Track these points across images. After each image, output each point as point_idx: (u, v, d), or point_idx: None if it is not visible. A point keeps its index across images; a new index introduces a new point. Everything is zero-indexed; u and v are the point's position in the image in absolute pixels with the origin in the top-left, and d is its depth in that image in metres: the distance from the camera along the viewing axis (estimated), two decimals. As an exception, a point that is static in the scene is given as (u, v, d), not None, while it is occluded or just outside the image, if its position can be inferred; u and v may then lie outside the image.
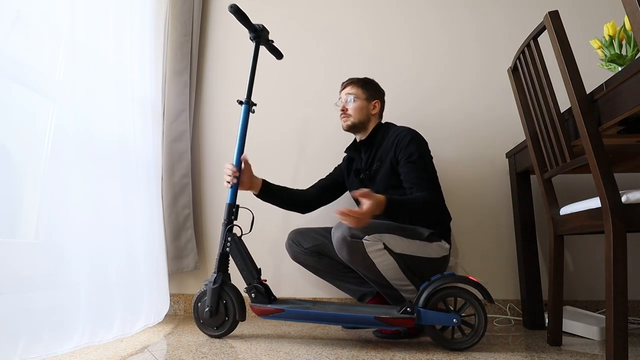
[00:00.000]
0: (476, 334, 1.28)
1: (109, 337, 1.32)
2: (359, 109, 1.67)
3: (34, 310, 1.07)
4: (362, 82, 1.70)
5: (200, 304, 1.43)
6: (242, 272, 1.44)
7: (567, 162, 1.22)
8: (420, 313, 1.29)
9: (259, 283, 1.42)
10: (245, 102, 1.54)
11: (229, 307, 1.41)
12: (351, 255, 1.38)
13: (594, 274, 1.91)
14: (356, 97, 1.67)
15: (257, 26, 1.57)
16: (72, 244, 1.21)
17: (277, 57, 1.75)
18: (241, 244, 1.46)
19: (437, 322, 1.29)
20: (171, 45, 2.04)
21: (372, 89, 1.71)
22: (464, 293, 1.31)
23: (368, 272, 1.41)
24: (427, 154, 1.57)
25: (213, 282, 1.41)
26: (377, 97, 1.71)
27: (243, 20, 1.52)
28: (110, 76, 1.50)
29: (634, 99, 0.99)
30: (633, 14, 0.92)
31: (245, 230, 1.52)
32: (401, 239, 1.43)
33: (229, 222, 1.46)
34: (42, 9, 1.21)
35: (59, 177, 1.19)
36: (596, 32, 1.96)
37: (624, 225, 1.05)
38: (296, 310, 1.36)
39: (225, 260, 1.45)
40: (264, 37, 1.59)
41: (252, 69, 1.58)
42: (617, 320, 1.02)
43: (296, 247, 1.73)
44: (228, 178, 1.50)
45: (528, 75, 1.36)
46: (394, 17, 2.18)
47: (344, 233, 1.37)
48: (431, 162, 1.58)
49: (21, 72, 1.15)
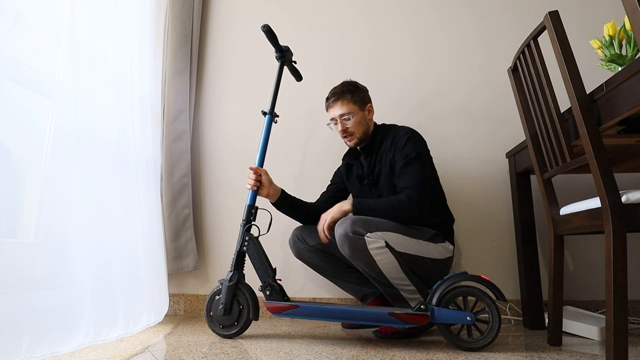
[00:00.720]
0: (491, 332, 1.27)
1: (112, 336, 1.32)
2: (359, 123, 1.60)
3: (38, 310, 1.07)
4: (350, 94, 1.60)
5: (215, 300, 1.44)
6: (257, 270, 1.45)
7: (567, 162, 1.22)
8: (434, 311, 1.29)
9: (274, 282, 1.44)
10: (269, 113, 1.61)
11: (243, 306, 1.42)
12: (352, 251, 1.38)
13: (594, 274, 1.91)
14: (352, 114, 1.59)
15: (283, 47, 1.64)
16: (72, 244, 1.21)
17: (297, 79, 1.80)
18: (258, 243, 1.48)
19: (451, 320, 1.29)
20: (171, 45, 2.04)
21: (360, 94, 1.62)
22: (477, 291, 1.31)
23: (369, 269, 1.41)
24: (425, 154, 1.55)
25: (229, 279, 1.42)
26: (366, 100, 1.65)
27: (272, 39, 1.59)
28: (110, 76, 1.50)
29: (634, 99, 0.99)
30: (633, 14, 0.92)
31: (263, 231, 1.53)
32: (404, 238, 1.42)
33: (247, 222, 1.49)
34: (42, 9, 1.21)
35: (59, 176, 1.19)
36: (596, 32, 1.96)
37: (624, 225, 1.04)
38: (311, 307, 1.38)
39: (241, 259, 1.47)
40: (288, 58, 1.67)
41: (276, 85, 1.64)
42: (617, 320, 1.02)
43: (300, 244, 1.72)
44: (251, 182, 1.53)
45: (528, 75, 1.36)
46: (394, 17, 2.18)
47: (346, 229, 1.37)
48: (429, 162, 1.57)
49: (21, 72, 1.15)
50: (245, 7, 2.24)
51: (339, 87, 1.63)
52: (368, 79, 2.12)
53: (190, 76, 2.08)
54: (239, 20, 2.23)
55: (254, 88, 2.15)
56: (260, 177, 1.56)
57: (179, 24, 2.06)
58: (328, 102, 1.63)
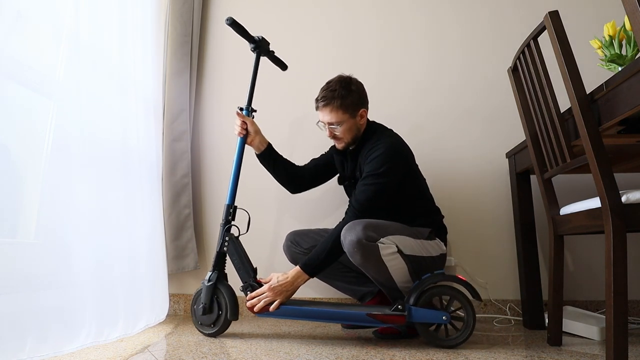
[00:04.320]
0: (466, 330, 1.31)
1: (114, 336, 1.33)
2: (349, 130, 1.51)
3: (40, 309, 1.08)
4: (340, 99, 1.47)
5: (196, 301, 1.45)
6: (238, 271, 1.46)
7: (567, 162, 1.22)
8: (412, 311, 1.32)
9: (255, 282, 1.44)
10: (245, 109, 1.61)
11: (221, 306, 1.42)
12: (365, 259, 1.34)
13: (594, 274, 1.91)
14: (341, 123, 1.49)
15: (256, 37, 1.59)
16: (73, 244, 1.21)
17: (281, 68, 1.76)
18: (238, 243, 1.48)
19: (427, 320, 1.32)
20: (171, 45, 2.04)
21: (351, 98, 1.48)
22: (453, 291, 1.34)
23: (378, 276, 1.39)
24: (393, 172, 1.44)
25: (208, 279, 1.43)
26: (360, 105, 1.52)
27: (241, 32, 1.55)
28: (113, 75, 1.50)
29: (634, 99, 0.99)
30: (633, 14, 0.93)
31: (243, 231, 1.53)
32: (410, 240, 1.42)
33: (226, 222, 1.49)
34: (42, 8, 1.21)
35: (59, 176, 1.19)
36: (596, 32, 1.95)
37: (624, 225, 1.05)
38: (291, 308, 1.38)
39: (221, 260, 1.47)
40: (264, 48, 1.62)
41: (253, 79, 1.61)
42: (617, 320, 1.02)
43: (294, 248, 1.71)
44: (237, 128, 1.56)
45: (528, 75, 1.36)
46: (394, 17, 2.18)
47: (359, 235, 1.32)
48: (394, 181, 1.45)
49: (21, 72, 1.15)
50: (246, 7, 2.23)
51: (330, 89, 1.49)
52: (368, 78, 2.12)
53: (190, 76, 2.07)
54: (239, 20, 2.21)
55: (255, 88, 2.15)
56: (246, 124, 1.56)
57: (179, 24, 2.06)
58: (317, 103, 1.52)
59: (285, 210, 2.05)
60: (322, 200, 1.83)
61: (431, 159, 2.01)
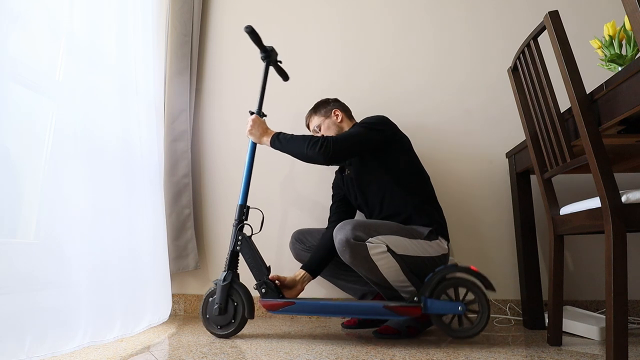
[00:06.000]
0: (481, 321, 1.32)
1: (111, 337, 1.32)
2: (328, 128, 1.73)
3: (39, 309, 1.08)
4: (313, 110, 1.79)
5: (209, 301, 1.45)
6: (252, 269, 1.46)
7: (567, 162, 1.22)
8: (427, 302, 1.34)
9: (269, 280, 1.45)
10: (256, 113, 1.61)
11: (237, 305, 1.42)
12: (354, 258, 1.37)
13: (594, 274, 1.91)
14: (320, 125, 1.74)
15: (268, 47, 1.64)
16: (73, 244, 1.21)
17: (283, 78, 1.81)
18: (251, 242, 1.49)
19: (443, 311, 1.34)
20: (171, 45, 2.04)
21: (321, 108, 1.77)
22: (467, 282, 1.36)
23: (370, 274, 1.41)
24: (377, 127, 1.55)
25: (223, 279, 1.43)
26: (330, 107, 1.75)
27: (256, 40, 1.58)
28: (114, 75, 1.50)
29: (634, 99, 0.99)
30: (633, 14, 0.93)
31: (256, 230, 1.54)
32: (403, 240, 1.43)
33: (239, 221, 1.50)
34: (42, 8, 1.21)
35: (59, 176, 1.19)
36: (596, 32, 1.96)
37: (624, 225, 1.05)
38: (307, 303, 1.41)
39: (235, 259, 1.48)
40: (273, 58, 1.68)
41: (263, 86, 1.65)
42: (617, 320, 1.02)
43: (299, 246, 1.74)
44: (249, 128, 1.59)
45: (528, 75, 1.36)
46: (394, 17, 2.18)
47: (347, 235, 1.36)
48: (378, 137, 1.54)
49: (21, 72, 1.15)
50: (246, 7, 2.24)
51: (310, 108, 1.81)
52: (368, 79, 2.13)
53: (190, 76, 2.08)
54: (239, 20, 2.23)
55: (254, 88, 2.15)
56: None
57: (179, 24, 2.06)
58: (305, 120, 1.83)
59: (291, 210, 2.06)
60: (328, 200, 1.84)
61: (431, 158, 2.01)
